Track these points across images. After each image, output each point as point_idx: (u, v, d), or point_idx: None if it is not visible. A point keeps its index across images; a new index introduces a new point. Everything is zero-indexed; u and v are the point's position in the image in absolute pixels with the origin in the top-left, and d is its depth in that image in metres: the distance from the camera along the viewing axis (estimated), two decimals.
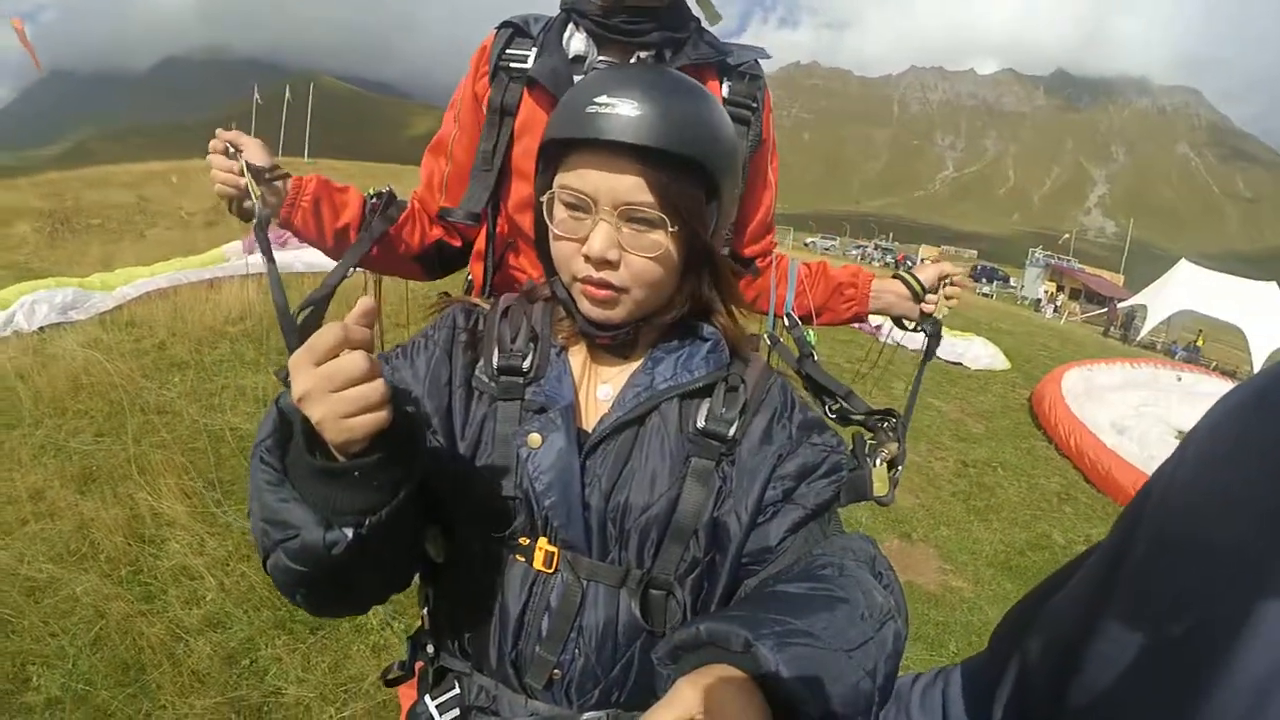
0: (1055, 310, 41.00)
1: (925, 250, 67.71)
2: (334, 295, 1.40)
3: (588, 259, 0.89)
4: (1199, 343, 28.72)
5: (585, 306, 0.94)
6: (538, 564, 0.91)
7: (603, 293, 0.91)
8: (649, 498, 0.91)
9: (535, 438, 0.91)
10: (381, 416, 0.70)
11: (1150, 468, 6.21)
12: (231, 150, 1.42)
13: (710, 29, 1.54)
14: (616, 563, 0.92)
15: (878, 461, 1.23)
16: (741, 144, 1.48)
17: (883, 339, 1.81)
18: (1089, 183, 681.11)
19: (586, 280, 0.91)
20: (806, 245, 70.73)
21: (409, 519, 0.81)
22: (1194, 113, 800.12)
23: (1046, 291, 47.96)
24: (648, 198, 0.87)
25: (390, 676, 1.10)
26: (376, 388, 0.69)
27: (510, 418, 0.95)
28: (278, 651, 3.02)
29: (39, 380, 5.18)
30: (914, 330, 1.69)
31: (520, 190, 1.52)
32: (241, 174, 1.40)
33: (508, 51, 1.49)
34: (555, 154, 0.92)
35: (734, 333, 1.03)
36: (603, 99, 0.85)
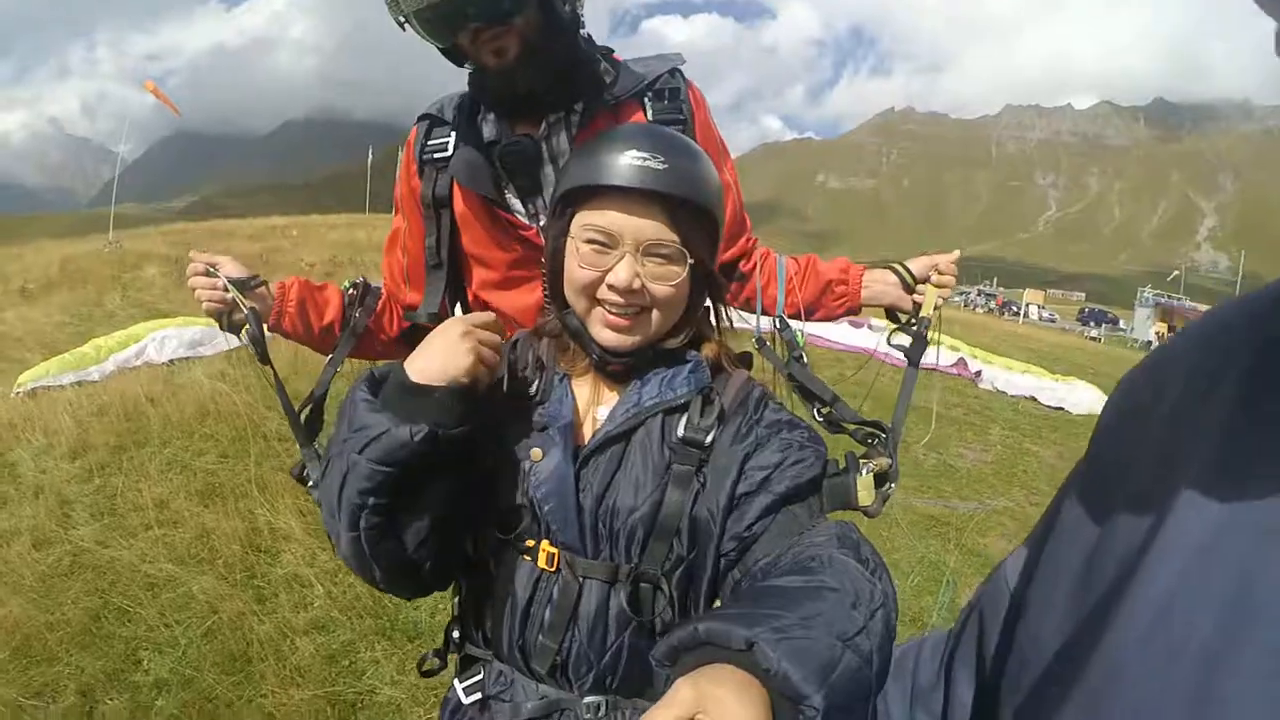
0: None
1: (1030, 294, 65.44)
2: (328, 391, 1.57)
3: (612, 287, 1.03)
4: None
5: (604, 335, 1.07)
6: (541, 563, 1.04)
7: (624, 320, 1.05)
8: (634, 501, 1.02)
9: (537, 452, 1.04)
10: (495, 359, 1.02)
11: None
12: (210, 270, 1.48)
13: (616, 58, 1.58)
14: (608, 560, 1.03)
15: (865, 471, 1.23)
16: None
17: (873, 348, 1.78)
18: (1198, 215, 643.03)
19: (611, 306, 1.04)
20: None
21: (460, 479, 1.01)
22: None
23: (1158, 333, 45.26)
24: (670, 236, 1.03)
25: (425, 668, 1.23)
26: (499, 342, 1.04)
27: (520, 435, 1.08)
28: (376, 655, 3.23)
29: (168, 406, 5.72)
30: (906, 324, 1.64)
31: (480, 274, 1.59)
32: (226, 290, 1.48)
33: (428, 144, 1.55)
34: (576, 198, 1.06)
35: (719, 355, 1.16)
36: (634, 154, 1.00)
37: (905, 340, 1.61)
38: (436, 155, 1.54)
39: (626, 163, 1.00)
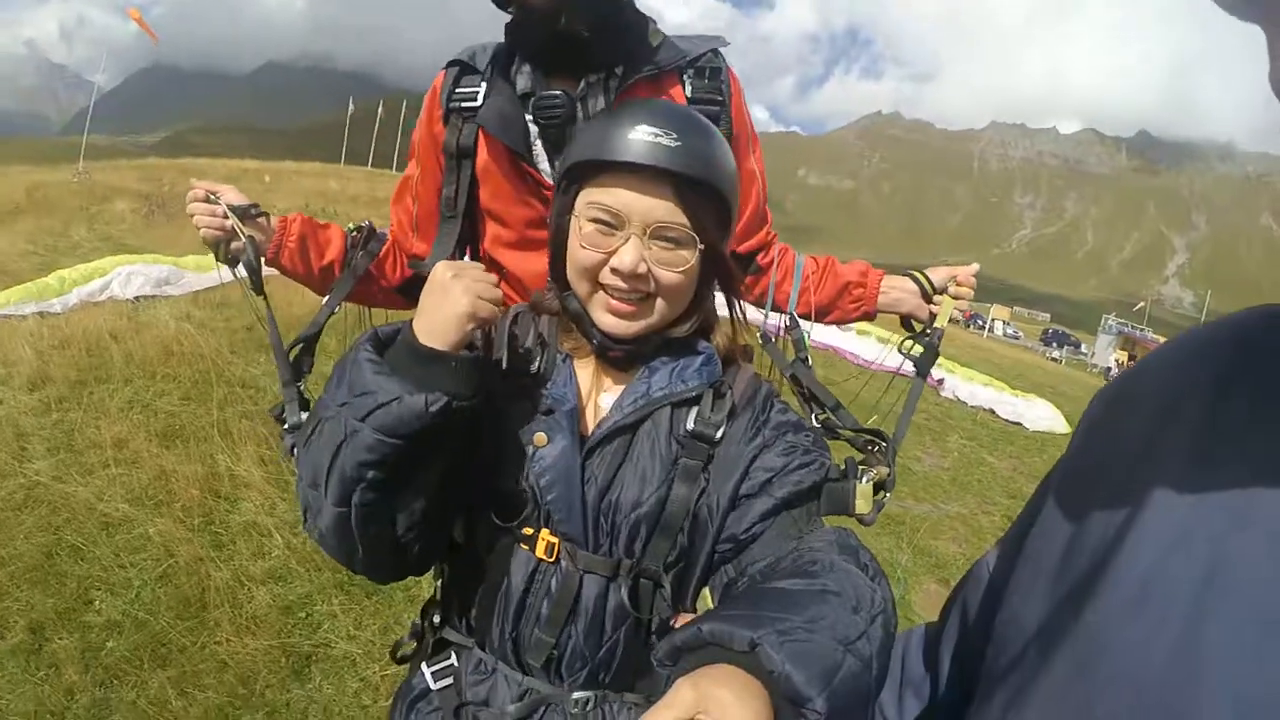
0: None
1: (996, 310, 66.31)
2: (322, 331, 1.52)
3: (616, 271, 0.97)
4: None
5: (605, 319, 1.01)
6: (539, 553, 1.00)
7: (627, 306, 1.00)
8: (639, 495, 0.99)
9: (541, 437, 0.99)
10: (496, 312, 0.95)
11: None
12: (211, 197, 1.44)
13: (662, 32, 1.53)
14: (609, 555, 1.00)
15: (864, 479, 1.22)
16: None
17: (878, 361, 1.75)
18: (1169, 250, 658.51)
19: (613, 291, 0.99)
20: None
21: (458, 456, 0.96)
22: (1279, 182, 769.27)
23: (1117, 360, 46.32)
24: (680, 219, 0.97)
25: (400, 653, 1.19)
26: (499, 293, 0.96)
27: (522, 416, 1.03)
28: (333, 609, 3.23)
29: (131, 343, 5.61)
30: (920, 334, 1.63)
31: (494, 230, 1.53)
32: (225, 217, 1.44)
33: (457, 91, 1.48)
34: (582, 174, 1.01)
35: (730, 346, 1.12)
36: (644, 128, 0.94)
37: (917, 349, 1.60)
38: (465, 104, 1.46)
39: (637, 138, 0.94)
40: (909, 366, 1.64)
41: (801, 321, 1.64)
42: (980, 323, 56.77)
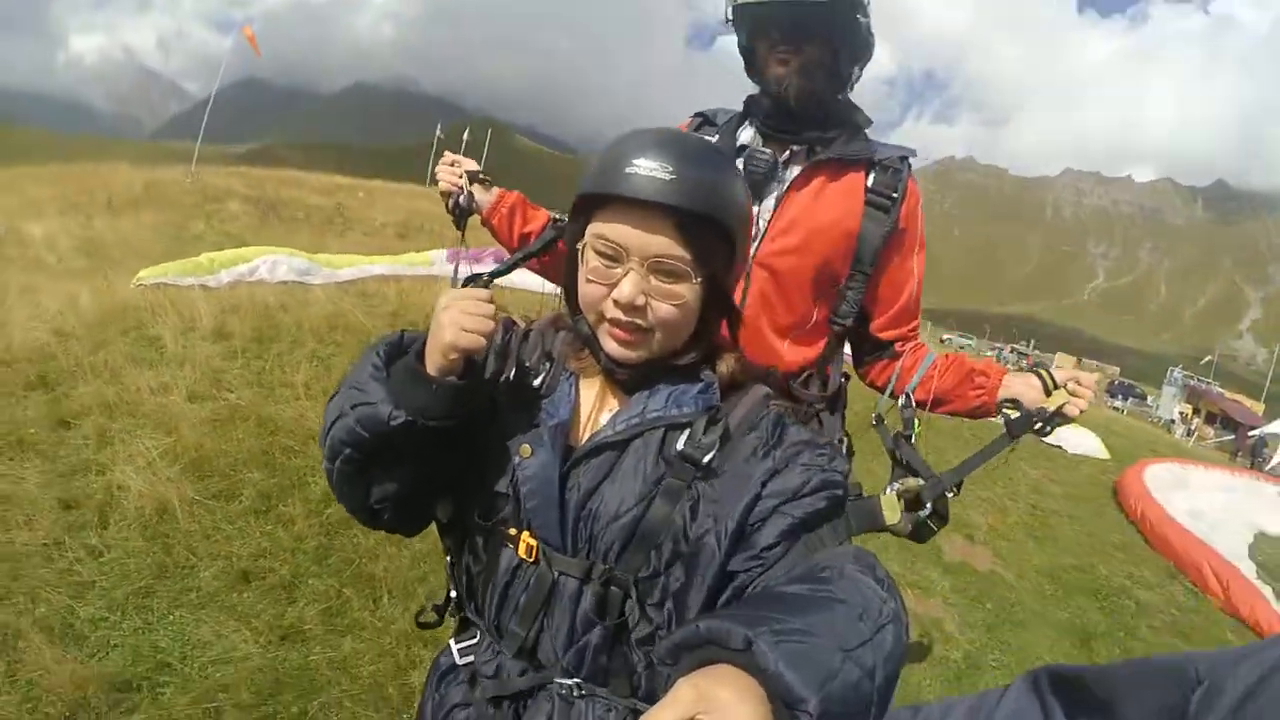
0: (1189, 433, 38.57)
1: (1061, 358, 65.22)
2: (503, 276, 1.72)
3: (617, 303, 1.00)
4: None
5: (610, 345, 1.05)
6: (521, 552, 1.05)
7: (628, 335, 1.03)
8: (617, 509, 1.01)
9: (526, 449, 1.04)
10: (480, 342, 0.98)
11: (1216, 546, 6.56)
12: (454, 163, 1.92)
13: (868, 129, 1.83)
14: (584, 559, 1.03)
15: (889, 490, 1.34)
16: (877, 229, 1.75)
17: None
18: (1244, 304, 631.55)
19: (614, 322, 1.02)
20: (943, 341, 69.22)
21: (433, 462, 1.07)
22: None
23: (1181, 412, 45.04)
24: (678, 252, 0.98)
25: (421, 619, 1.26)
26: (488, 324, 0.99)
27: (516, 426, 1.08)
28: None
29: (298, 313, 6.64)
30: (1031, 415, 1.68)
31: None
32: (461, 177, 1.88)
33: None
34: (589, 206, 1.03)
35: (736, 374, 1.13)
36: (640, 161, 0.96)
37: (1014, 414, 1.70)
38: None
39: (633, 172, 0.96)
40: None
41: (915, 404, 1.80)
42: (1044, 368, 55.74)
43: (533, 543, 1.04)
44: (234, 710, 2.63)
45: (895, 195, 1.73)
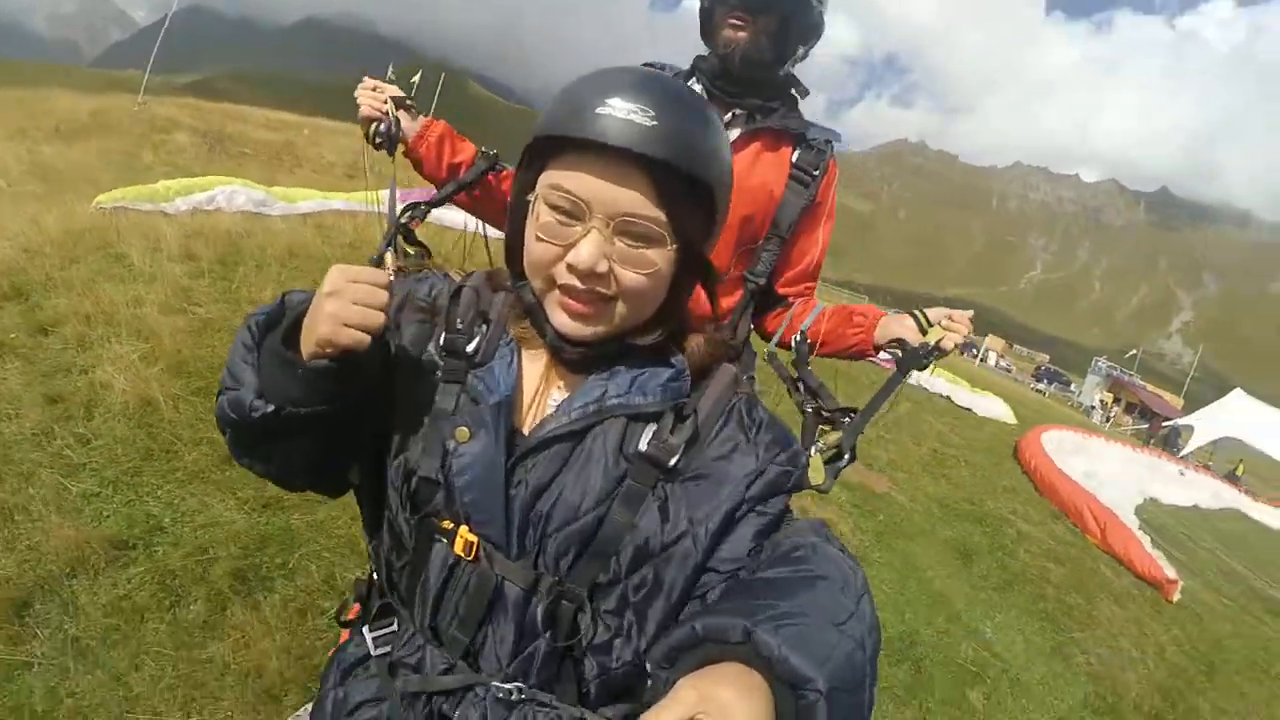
0: (1107, 420, 40.51)
1: (991, 341, 67.42)
2: (439, 206, 1.87)
3: (572, 268, 0.85)
4: (1238, 471, 28.08)
5: (559, 318, 0.90)
6: (458, 549, 0.92)
7: (583, 306, 0.88)
8: (574, 513, 0.90)
9: (463, 431, 0.91)
10: (364, 339, 0.84)
11: (1101, 499, 7.36)
12: (377, 88, 1.83)
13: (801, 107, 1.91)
14: (532, 567, 0.91)
15: (814, 450, 1.33)
16: (796, 200, 1.85)
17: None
18: (1175, 307, 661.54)
19: (567, 290, 0.88)
20: None
21: (331, 435, 0.93)
22: None
23: (1103, 401, 47.24)
24: (652, 212, 0.84)
25: (344, 619, 1.11)
26: (376, 318, 0.84)
27: (448, 400, 0.95)
28: None
29: (259, 240, 6.88)
30: (912, 352, 1.74)
31: None
32: (385, 103, 1.79)
33: None
34: (545, 151, 0.88)
35: (705, 355, 1.00)
36: (616, 101, 0.82)
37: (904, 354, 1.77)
38: None
39: (607, 113, 0.81)
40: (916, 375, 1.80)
41: (806, 338, 1.90)
42: (974, 352, 57.92)
43: (473, 540, 0.92)
44: (224, 561, 3.05)
45: (816, 172, 1.85)
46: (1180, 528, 10.75)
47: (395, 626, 1.03)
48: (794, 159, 1.86)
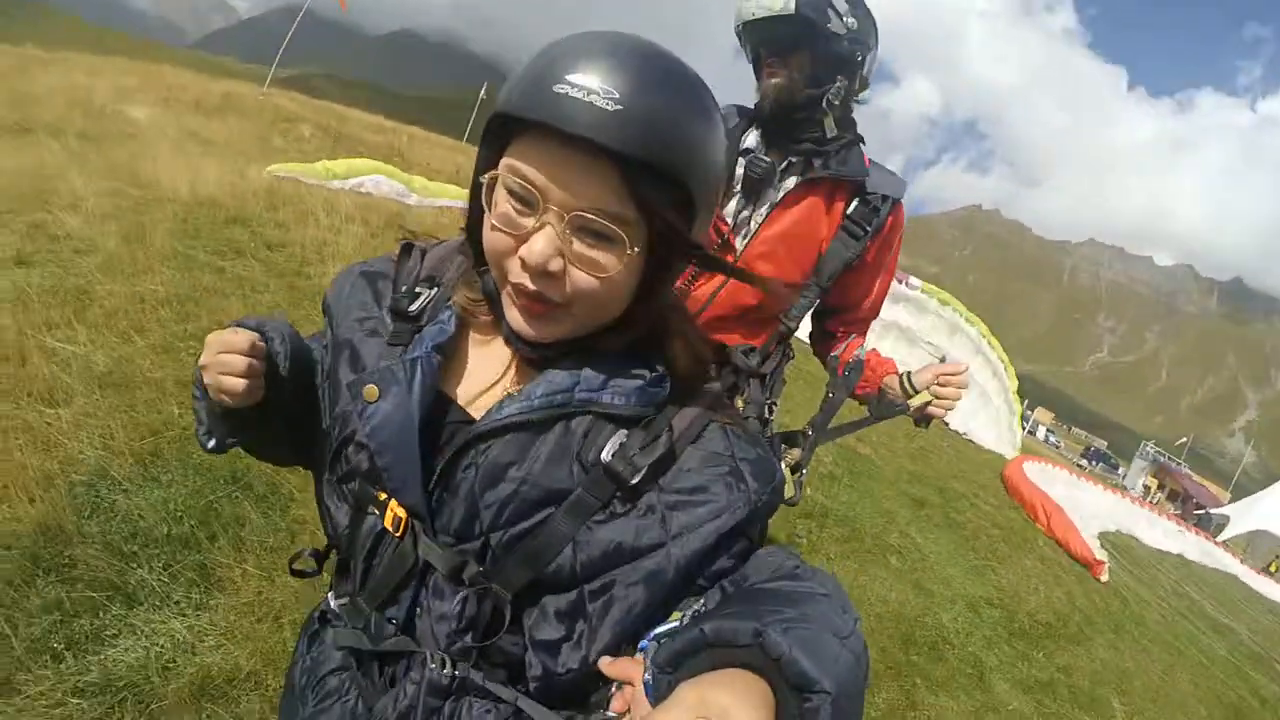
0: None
1: (1040, 413, 67.16)
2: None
3: (525, 264, 0.76)
4: (1272, 568, 24.83)
5: (513, 315, 0.82)
6: (387, 522, 0.87)
7: (536, 306, 0.79)
8: (516, 513, 0.83)
9: (371, 389, 0.85)
10: (238, 387, 0.89)
11: (1071, 516, 8.58)
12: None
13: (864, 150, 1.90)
14: (476, 557, 0.85)
15: (782, 465, 1.43)
16: (843, 253, 1.87)
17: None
18: (1241, 403, 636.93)
19: (518, 289, 0.79)
20: None
21: (296, 432, 1.01)
22: None
23: (1146, 485, 47.03)
24: (613, 210, 0.73)
25: (296, 566, 1.09)
26: (237, 384, 0.89)
27: (373, 357, 0.91)
28: None
29: (414, 218, 8.70)
30: (891, 404, 1.88)
31: None
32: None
33: None
34: (507, 128, 0.76)
35: (689, 364, 0.90)
36: (575, 78, 0.69)
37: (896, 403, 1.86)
38: None
39: (564, 91, 0.69)
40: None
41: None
42: (1025, 424, 57.85)
43: (401, 515, 0.85)
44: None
45: (869, 228, 1.84)
46: (1150, 559, 11.55)
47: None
48: (847, 212, 1.86)
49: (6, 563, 2.44)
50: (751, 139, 1.91)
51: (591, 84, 0.69)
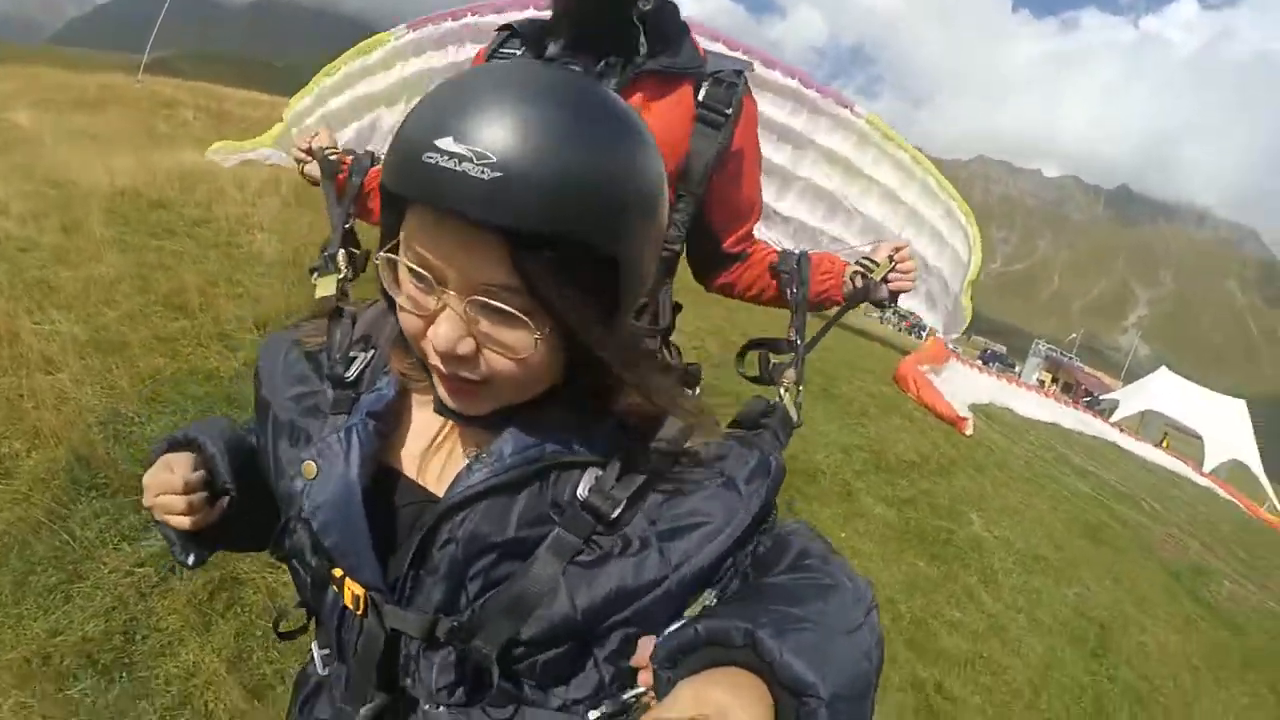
0: None
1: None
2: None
3: (435, 349, 0.70)
4: (1164, 445, 26.19)
5: (442, 393, 0.76)
6: (347, 600, 0.81)
7: (457, 386, 0.74)
8: (502, 574, 0.78)
9: (309, 466, 0.79)
10: (184, 523, 0.92)
11: (941, 389, 9.80)
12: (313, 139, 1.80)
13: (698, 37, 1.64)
14: (426, 612, 0.78)
15: (784, 394, 1.37)
16: (708, 147, 1.58)
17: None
18: (1131, 301, 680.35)
19: (437, 370, 0.73)
20: None
21: (259, 529, 0.94)
22: (1248, 251, 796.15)
23: (1040, 380, 50.19)
24: (511, 281, 0.65)
25: (282, 629, 0.99)
26: (181, 520, 0.92)
27: (314, 435, 0.85)
28: None
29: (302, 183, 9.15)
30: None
31: None
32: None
33: (499, 50, 1.62)
34: (397, 198, 0.68)
35: (646, 417, 0.80)
36: (445, 143, 0.60)
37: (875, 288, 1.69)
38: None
39: (431, 161, 0.60)
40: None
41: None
42: (922, 332, 60.31)
43: (359, 592, 0.79)
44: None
45: (728, 112, 1.58)
46: (1021, 425, 12.60)
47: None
48: (698, 99, 1.59)
49: (52, 490, 3.01)
50: (552, 49, 1.61)
51: (462, 149, 0.59)
